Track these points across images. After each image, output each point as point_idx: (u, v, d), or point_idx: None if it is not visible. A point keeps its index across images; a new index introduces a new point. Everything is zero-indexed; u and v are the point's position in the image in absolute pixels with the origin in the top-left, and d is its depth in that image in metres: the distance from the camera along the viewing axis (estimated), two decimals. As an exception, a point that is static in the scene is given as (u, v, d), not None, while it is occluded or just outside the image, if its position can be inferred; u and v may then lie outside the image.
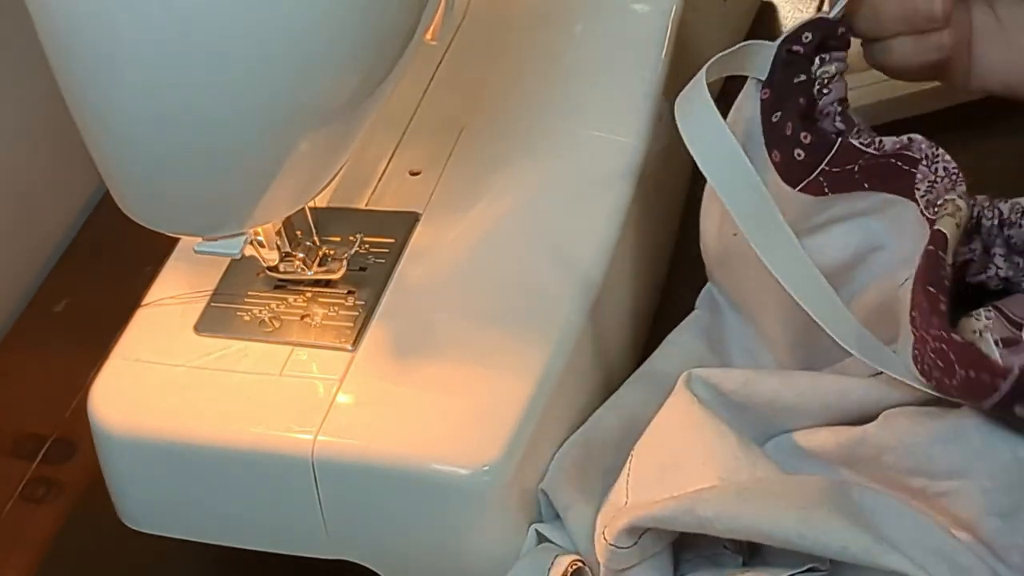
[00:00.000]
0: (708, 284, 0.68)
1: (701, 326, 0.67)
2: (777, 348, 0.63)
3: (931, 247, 0.55)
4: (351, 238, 0.66)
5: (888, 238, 0.60)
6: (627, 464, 0.60)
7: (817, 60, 0.63)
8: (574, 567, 0.57)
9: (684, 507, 0.54)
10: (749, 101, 0.64)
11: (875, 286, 0.60)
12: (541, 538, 0.60)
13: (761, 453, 0.58)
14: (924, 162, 0.60)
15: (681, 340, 0.67)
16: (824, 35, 0.63)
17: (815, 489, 0.54)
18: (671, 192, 0.78)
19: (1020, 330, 0.56)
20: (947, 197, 0.58)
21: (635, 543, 0.56)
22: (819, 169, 0.63)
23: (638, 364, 0.71)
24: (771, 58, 0.63)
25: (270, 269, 0.65)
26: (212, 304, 0.66)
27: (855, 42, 0.64)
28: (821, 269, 0.59)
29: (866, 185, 0.61)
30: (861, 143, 0.62)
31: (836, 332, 0.57)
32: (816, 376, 0.59)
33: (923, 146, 0.61)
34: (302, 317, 0.64)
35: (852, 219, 0.61)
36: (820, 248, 0.60)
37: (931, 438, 0.53)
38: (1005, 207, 0.61)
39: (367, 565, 0.62)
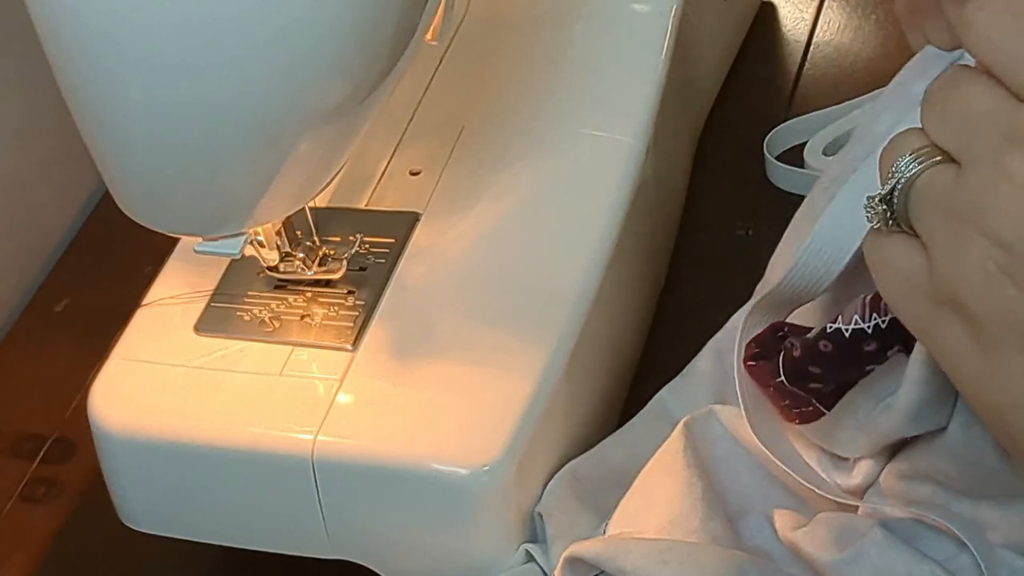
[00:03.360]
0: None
1: (716, 351, 0.65)
2: None
3: None
4: (351, 238, 0.66)
5: None
6: (612, 508, 0.59)
7: None
8: None
9: (609, 553, 0.54)
10: None
11: None
12: (529, 557, 0.60)
13: (722, 512, 0.57)
14: None
15: (699, 364, 0.65)
16: None
17: (730, 567, 0.53)
18: (671, 192, 0.78)
19: None
20: None
21: None
22: None
23: (638, 365, 0.72)
24: None
25: (270, 269, 0.65)
26: (212, 304, 0.66)
27: None
28: None
29: None
30: None
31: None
32: None
33: None
34: (302, 317, 0.64)
35: None
36: None
37: (841, 559, 0.53)
38: None
39: (367, 565, 0.62)
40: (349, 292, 0.65)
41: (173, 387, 0.63)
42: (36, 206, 0.86)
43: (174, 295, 0.66)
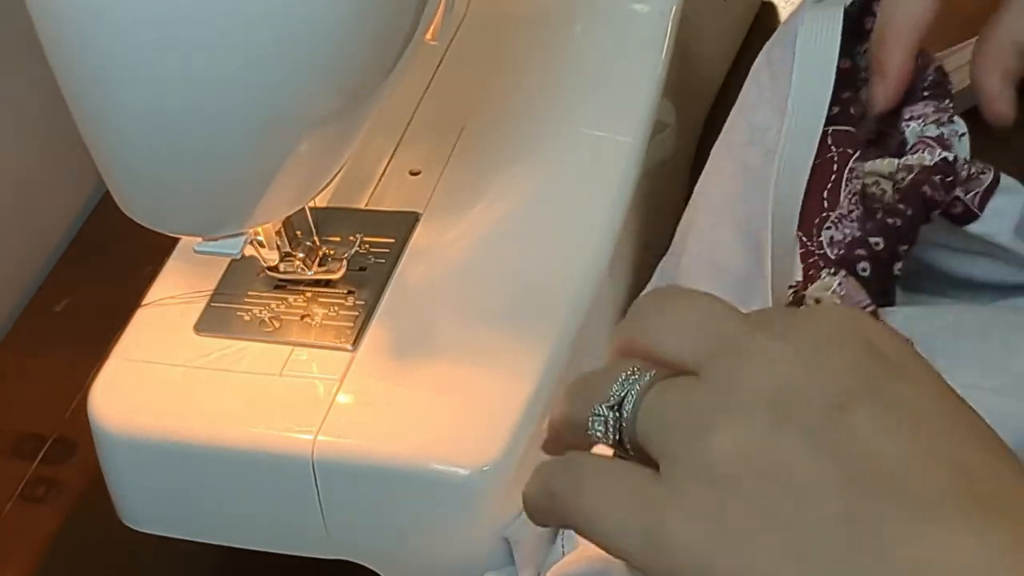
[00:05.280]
0: None
1: None
2: None
3: None
4: (351, 238, 0.66)
5: None
6: None
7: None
8: None
9: (597, 570, 0.54)
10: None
11: None
12: None
13: None
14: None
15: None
16: None
17: None
18: (671, 192, 0.78)
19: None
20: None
21: None
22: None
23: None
24: None
25: (270, 269, 0.65)
26: (212, 304, 0.66)
27: None
28: None
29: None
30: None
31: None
32: None
33: None
34: (302, 317, 0.64)
35: None
36: None
37: None
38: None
39: (367, 565, 0.62)
40: (349, 292, 0.65)
41: (173, 387, 0.63)
42: (36, 206, 0.86)
43: (174, 295, 0.66)
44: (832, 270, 0.54)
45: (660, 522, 0.39)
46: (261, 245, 0.63)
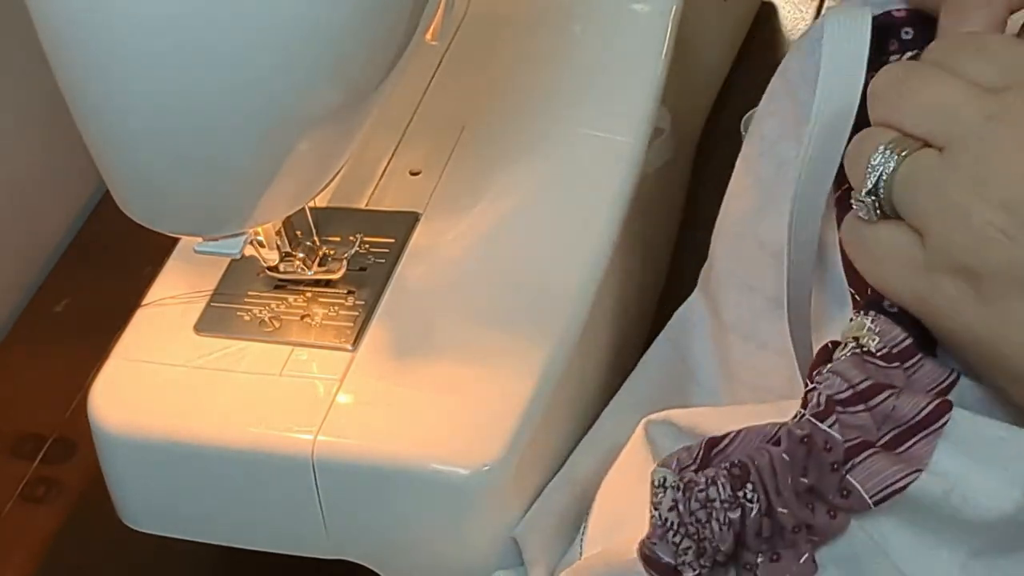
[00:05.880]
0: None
1: (670, 340, 0.65)
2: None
3: None
4: (351, 238, 0.66)
5: None
6: (584, 520, 0.59)
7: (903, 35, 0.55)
8: None
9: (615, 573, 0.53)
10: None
11: None
12: None
13: None
14: None
15: (654, 357, 0.65)
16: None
17: None
18: (672, 192, 0.78)
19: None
20: None
21: None
22: None
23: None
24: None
25: (270, 269, 0.65)
26: (212, 304, 0.66)
27: None
28: None
29: None
30: None
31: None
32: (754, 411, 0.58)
33: None
34: (302, 317, 0.64)
35: None
36: None
37: None
38: None
39: (367, 565, 0.62)
40: (349, 292, 0.65)
41: (173, 387, 0.63)
42: (36, 206, 0.86)
43: (174, 295, 0.66)
44: (862, 311, 0.53)
45: (930, 284, 0.45)
46: (261, 245, 0.63)
